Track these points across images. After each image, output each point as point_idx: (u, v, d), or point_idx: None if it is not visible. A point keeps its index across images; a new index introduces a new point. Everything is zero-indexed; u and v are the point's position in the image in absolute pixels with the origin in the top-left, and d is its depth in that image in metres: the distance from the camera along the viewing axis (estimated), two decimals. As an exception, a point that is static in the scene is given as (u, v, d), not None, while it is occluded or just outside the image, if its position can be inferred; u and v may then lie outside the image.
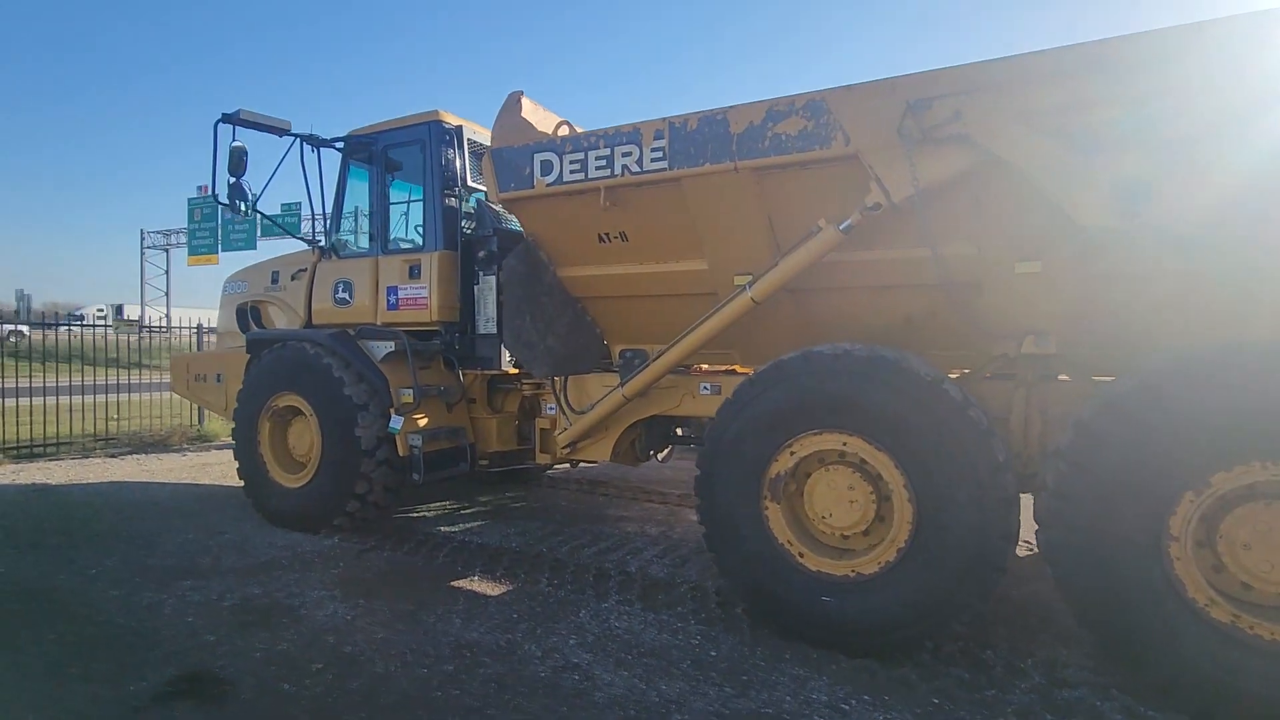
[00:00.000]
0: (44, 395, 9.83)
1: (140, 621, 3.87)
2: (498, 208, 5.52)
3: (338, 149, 6.38)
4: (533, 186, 4.59)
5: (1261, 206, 2.91)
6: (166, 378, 10.96)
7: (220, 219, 43.26)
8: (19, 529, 5.63)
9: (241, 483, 6.12)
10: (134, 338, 11.32)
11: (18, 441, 9.08)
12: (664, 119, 4.08)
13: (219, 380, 6.69)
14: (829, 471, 3.70)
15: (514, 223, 5.49)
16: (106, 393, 10.18)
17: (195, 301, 9.41)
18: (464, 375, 6.00)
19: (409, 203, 6.25)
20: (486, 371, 5.94)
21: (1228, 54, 2.87)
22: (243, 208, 6.03)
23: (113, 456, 9.06)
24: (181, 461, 8.92)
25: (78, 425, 9.66)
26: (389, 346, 5.67)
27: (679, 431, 5.76)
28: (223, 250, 43.34)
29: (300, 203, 40.75)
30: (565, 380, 5.45)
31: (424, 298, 5.80)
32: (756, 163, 3.83)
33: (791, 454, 3.71)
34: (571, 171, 4.42)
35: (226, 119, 5.89)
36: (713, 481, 3.91)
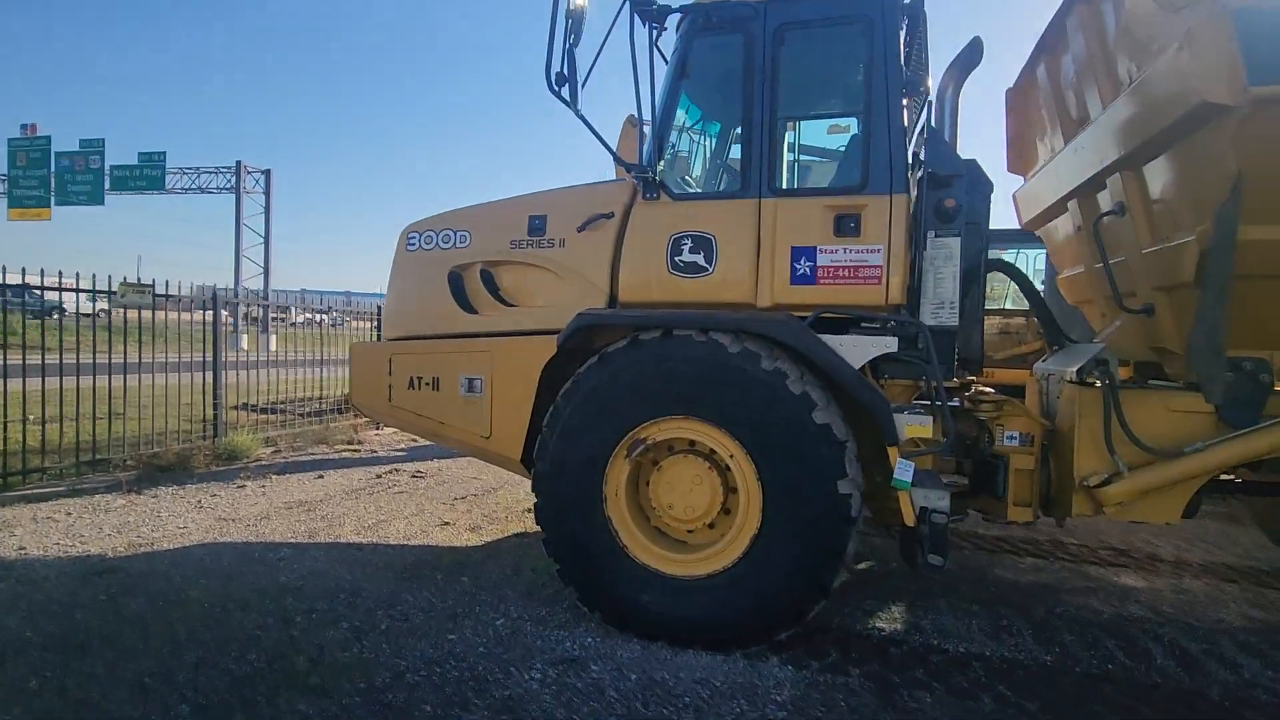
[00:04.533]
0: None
1: None
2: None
3: (658, 28, 4.00)
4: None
5: None
6: (84, 358, 7.06)
7: (52, 165, 34.88)
8: (195, 686, 2.92)
9: (553, 563, 3.69)
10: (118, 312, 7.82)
11: (-36, 470, 5.73)
12: None
13: (473, 390, 4.03)
14: None
15: None
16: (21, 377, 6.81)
17: (15, 265, 5.72)
18: (887, 386, 3.92)
19: (834, 116, 4.04)
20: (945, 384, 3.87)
21: None
22: (569, 99, 3.60)
23: (136, 492, 5.89)
24: (254, 499, 5.94)
25: (31, 434, 6.27)
26: (878, 344, 3.48)
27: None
28: (58, 204, 35.01)
29: (164, 152, 33.21)
30: (1116, 403, 3.59)
31: (875, 266, 3.62)
32: None
33: None
34: None
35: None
36: None
